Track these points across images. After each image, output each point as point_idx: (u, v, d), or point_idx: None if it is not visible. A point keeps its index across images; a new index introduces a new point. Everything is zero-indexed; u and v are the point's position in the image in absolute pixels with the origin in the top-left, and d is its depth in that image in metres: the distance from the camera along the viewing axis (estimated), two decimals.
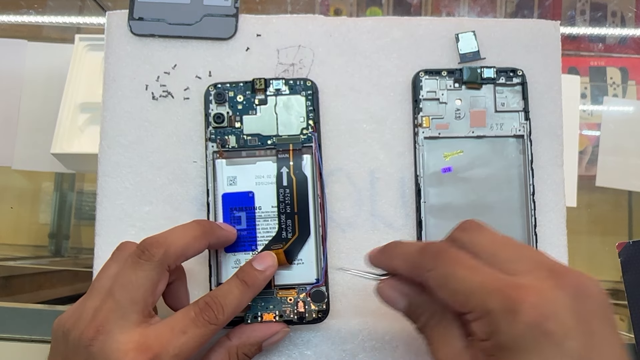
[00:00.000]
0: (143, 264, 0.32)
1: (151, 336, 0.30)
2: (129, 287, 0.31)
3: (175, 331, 0.31)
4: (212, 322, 0.32)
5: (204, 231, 0.34)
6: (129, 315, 0.30)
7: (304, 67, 0.41)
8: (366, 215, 0.40)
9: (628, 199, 1.05)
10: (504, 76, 0.41)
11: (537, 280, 0.26)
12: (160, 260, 0.32)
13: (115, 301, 0.31)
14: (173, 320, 0.32)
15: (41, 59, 0.78)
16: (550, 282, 0.26)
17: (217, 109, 0.40)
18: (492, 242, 0.29)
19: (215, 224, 0.36)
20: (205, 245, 0.35)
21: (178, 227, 0.34)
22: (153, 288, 0.32)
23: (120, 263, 0.33)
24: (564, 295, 0.25)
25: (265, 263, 0.35)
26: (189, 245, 0.33)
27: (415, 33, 0.42)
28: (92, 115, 0.72)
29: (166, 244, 0.32)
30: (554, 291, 0.26)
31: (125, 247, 0.34)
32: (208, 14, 0.42)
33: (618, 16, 1.09)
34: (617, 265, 0.43)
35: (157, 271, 0.32)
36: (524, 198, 0.40)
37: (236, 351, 0.35)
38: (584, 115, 0.95)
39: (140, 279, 0.31)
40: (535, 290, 0.25)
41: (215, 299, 0.33)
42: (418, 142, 0.40)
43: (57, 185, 1.07)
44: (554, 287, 0.26)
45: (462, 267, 0.28)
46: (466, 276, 0.27)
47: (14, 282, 0.83)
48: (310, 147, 0.39)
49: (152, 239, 0.33)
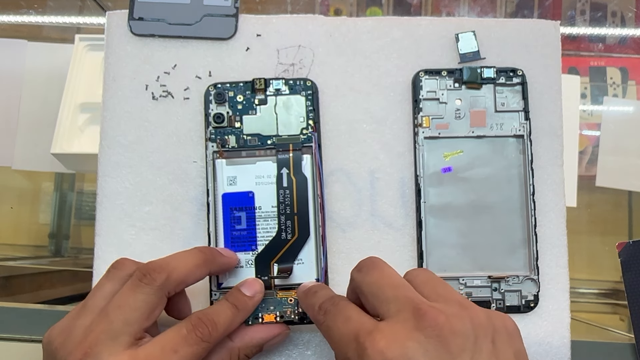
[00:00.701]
0: (143, 288, 0.31)
1: (141, 357, 0.29)
2: (125, 308, 0.30)
3: (166, 350, 0.30)
4: (205, 339, 0.31)
5: (205, 259, 0.34)
6: (120, 338, 0.30)
7: (304, 67, 0.42)
8: (366, 215, 0.40)
9: (628, 199, 1.05)
10: (504, 76, 0.41)
11: (398, 323, 0.27)
12: (161, 286, 0.31)
13: (108, 322, 0.30)
14: (164, 339, 0.31)
15: (41, 59, 0.78)
16: (411, 324, 0.26)
17: (217, 109, 0.40)
18: (375, 283, 0.30)
19: (216, 252, 0.36)
20: (206, 274, 0.35)
21: (180, 254, 0.34)
22: (149, 312, 0.31)
23: (116, 282, 0.32)
24: (421, 337, 0.26)
25: (254, 289, 0.36)
26: (190, 273, 0.33)
27: (415, 33, 0.42)
28: (92, 115, 0.72)
29: (168, 270, 0.32)
30: (411, 333, 0.26)
31: (122, 265, 0.33)
32: (208, 14, 0.42)
33: (618, 16, 1.09)
34: (617, 265, 0.43)
35: (156, 296, 0.31)
36: (524, 198, 0.40)
37: (238, 352, 0.35)
38: (584, 115, 0.95)
39: (138, 302, 0.31)
40: (386, 335, 0.26)
41: (207, 315, 0.32)
42: (418, 142, 0.40)
43: (57, 185, 1.07)
44: (412, 329, 0.26)
45: (339, 319, 0.29)
46: (340, 327, 0.29)
47: (14, 282, 0.83)
48: (310, 147, 0.39)
49: (155, 263, 0.32)
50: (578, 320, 0.60)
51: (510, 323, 0.29)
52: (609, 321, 0.92)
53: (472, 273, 0.39)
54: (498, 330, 0.27)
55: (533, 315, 0.39)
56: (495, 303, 0.39)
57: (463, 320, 0.27)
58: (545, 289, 0.39)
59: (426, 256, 0.39)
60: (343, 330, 0.29)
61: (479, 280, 0.39)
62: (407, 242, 0.40)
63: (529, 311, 0.39)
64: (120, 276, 0.33)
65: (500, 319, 0.28)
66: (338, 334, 0.29)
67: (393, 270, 0.31)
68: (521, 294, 0.39)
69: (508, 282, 0.39)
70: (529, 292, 0.39)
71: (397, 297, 0.28)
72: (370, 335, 0.27)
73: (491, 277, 0.39)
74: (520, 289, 0.39)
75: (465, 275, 0.39)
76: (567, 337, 0.39)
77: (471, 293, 0.39)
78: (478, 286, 0.39)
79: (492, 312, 0.29)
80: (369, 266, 0.31)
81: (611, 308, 0.97)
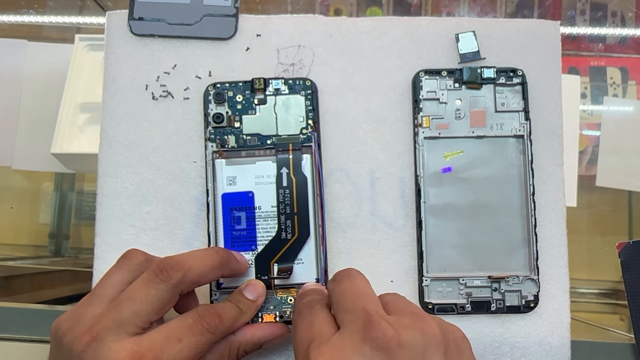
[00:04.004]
0: (158, 284, 0.31)
1: (145, 344, 0.30)
2: (137, 301, 0.30)
3: (171, 339, 0.30)
4: (211, 330, 0.32)
5: (221, 262, 0.34)
6: (127, 327, 0.30)
7: (304, 67, 0.41)
8: (366, 215, 0.40)
9: (628, 199, 1.05)
10: (504, 76, 0.41)
11: (347, 336, 0.27)
12: (176, 284, 0.31)
13: (117, 311, 0.30)
14: (169, 327, 0.31)
15: (41, 59, 0.78)
16: (359, 335, 0.26)
17: (217, 108, 0.40)
18: (341, 293, 0.30)
19: (232, 256, 0.36)
20: (219, 277, 0.35)
21: (198, 253, 0.34)
22: (160, 308, 0.31)
23: (125, 271, 0.33)
24: (367, 350, 0.26)
25: (257, 292, 0.36)
26: (205, 274, 0.33)
27: (415, 33, 0.42)
28: (92, 115, 0.72)
29: (185, 269, 0.32)
30: (359, 346, 0.26)
31: (132, 255, 0.34)
32: (208, 14, 0.42)
33: (618, 16, 1.09)
34: (617, 265, 0.43)
35: (170, 293, 0.31)
36: (524, 198, 0.40)
37: (237, 347, 0.35)
38: (584, 115, 0.95)
39: (150, 296, 0.31)
40: (334, 347, 0.26)
41: (214, 308, 0.33)
42: (418, 142, 0.40)
43: (57, 185, 1.07)
44: (359, 340, 0.26)
45: (305, 322, 0.30)
46: (302, 331, 0.29)
47: (14, 282, 0.83)
48: (310, 146, 0.39)
49: (173, 260, 0.32)
50: (578, 320, 0.60)
51: (460, 334, 0.28)
52: (609, 321, 0.92)
53: (472, 273, 0.39)
54: (449, 342, 0.27)
55: (533, 315, 0.39)
56: (495, 303, 0.39)
57: (414, 332, 0.26)
58: (545, 289, 0.39)
59: (426, 256, 0.39)
60: (302, 335, 0.29)
61: (479, 281, 0.39)
62: (407, 242, 0.40)
63: (529, 311, 0.39)
64: (129, 265, 0.33)
65: (451, 330, 0.28)
66: (299, 338, 0.29)
67: (365, 283, 0.31)
68: (521, 294, 0.39)
69: (508, 282, 0.39)
70: (529, 292, 0.39)
71: (354, 308, 0.28)
72: (319, 347, 0.27)
73: (491, 277, 0.39)
74: (520, 289, 0.39)
75: (465, 275, 0.39)
76: (567, 337, 0.39)
77: (471, 293, 0.39)
78: (478, 286, 0.39)
79: (445, 323, 0.28)
80: (342, 276, 0.31)
81: (611, 308, 0.97)
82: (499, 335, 0.39)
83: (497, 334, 0.39)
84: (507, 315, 0.39)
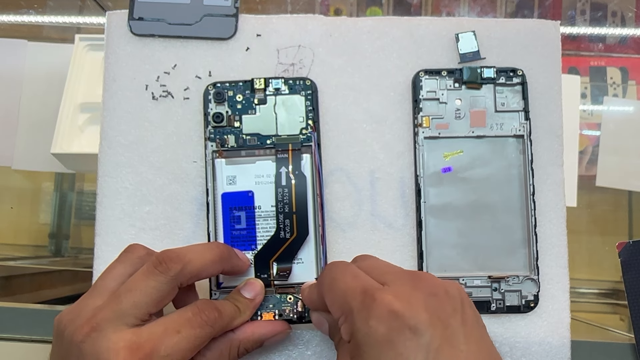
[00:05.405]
0: (157, 275, 0.31)
1: (144, 335, 0.30)
2: (136, 292, 0.31)
3: (169, 330, 0.31)
4: (210, 323, 0.32)
5: (221, 257, 0.34)
6: (126, 318, 0.30)
7: (304, 67, 0.41)
8: (366, 215, 0.40)
9: (628, 199, 1.05)
10: (504, 76, 0.41)
11: (397, 285, 0.29)
12: (175, 277, 0.32)
13: (117, 302, 0.31)
14: (168, 320, 0.31)
15: (41, 59, 0.78)
16: (409, 285, 0.29)
17: (216, 108, 0.40)
18: (372, 263, 0.33)
19: (233, 252, 0.36)
20: (219, 271, 0.35)
21: (198, 246, 0.34)
22: (159, 300, 0.31)
23: (127, 264, 0.33)
24: (419, 294, 0.28)
25: (255, 291, 0.36)
26: (205, 267, 0.33)
27: (415, 33, 0.42)
28: (92, 115, 0.72)
29: (184, 262, 0.32)
30: (411, 291, 0.28)
31: (134, 249, 0.34)
32: (208, 14, 0.42)
33: (618, 16, 1.10)
34: (617, 265, 0.43)
35: (169, 285, 0.31)
36: (524, 198, 0.40)
37: (238, 344, 0.35)
38: (584, 115, 0.95)
39: (149, 288, 0.31)
40: (392, 291, 0.28)
41: (213, 303, 0.33)
42: (418, 142, 0.40)
43: (57, 185, 1.07)
44: (411, 288, 0.29)
45: (348, 274, 0.31)
46: (348, 281, 0.30)
47: (14, 282, 0.83)
48: (310, 146, 0.39)
49: (172, 252, 0.32)
50: (578, 320, 0.60)
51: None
52: (609, 321, 0.92)
53: (472, 273, 0.39)
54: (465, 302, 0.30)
55: (533, 315, 0.39)
56: (495, 303, 0.39)
57: (453, 284, 0.30)
58: (545, 289, 0.39)
59: (426, 256, 0.39)
60: (351, 284, 0.30)
61: (479, 280, 0.39)
62: (407, 242, 0.40)
63: (529, 311, 0.39)
64: (131, 259, 0.33)
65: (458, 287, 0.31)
66: (344, 286, 0.30)
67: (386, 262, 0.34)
68: (521, 294, 0.39)
69: (508, 282, 0.39)
70: (529, 292, 0.39)
71: (393, 268, 0.32)
72: (379, 290, 0.29)
73: (491, 277, 0.39)
74: (520, 289, 0.39)
75: (465, 275, 0.39)
76: (567, 337, 0.39)
77: (471, 293, 0.39)
78: (478, 286, 0.39)
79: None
80: (363, 257, 0.34)
81: (611, 308, 0.97)
82: (499, 335, 0.39)
83: (497, 334, 0.39)
84: (507, 315, 0.39)
